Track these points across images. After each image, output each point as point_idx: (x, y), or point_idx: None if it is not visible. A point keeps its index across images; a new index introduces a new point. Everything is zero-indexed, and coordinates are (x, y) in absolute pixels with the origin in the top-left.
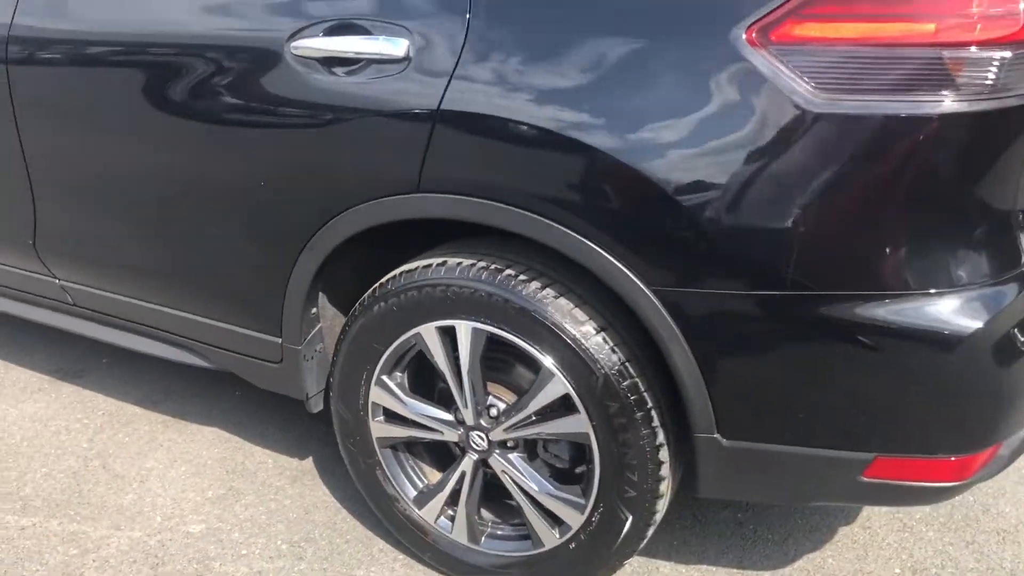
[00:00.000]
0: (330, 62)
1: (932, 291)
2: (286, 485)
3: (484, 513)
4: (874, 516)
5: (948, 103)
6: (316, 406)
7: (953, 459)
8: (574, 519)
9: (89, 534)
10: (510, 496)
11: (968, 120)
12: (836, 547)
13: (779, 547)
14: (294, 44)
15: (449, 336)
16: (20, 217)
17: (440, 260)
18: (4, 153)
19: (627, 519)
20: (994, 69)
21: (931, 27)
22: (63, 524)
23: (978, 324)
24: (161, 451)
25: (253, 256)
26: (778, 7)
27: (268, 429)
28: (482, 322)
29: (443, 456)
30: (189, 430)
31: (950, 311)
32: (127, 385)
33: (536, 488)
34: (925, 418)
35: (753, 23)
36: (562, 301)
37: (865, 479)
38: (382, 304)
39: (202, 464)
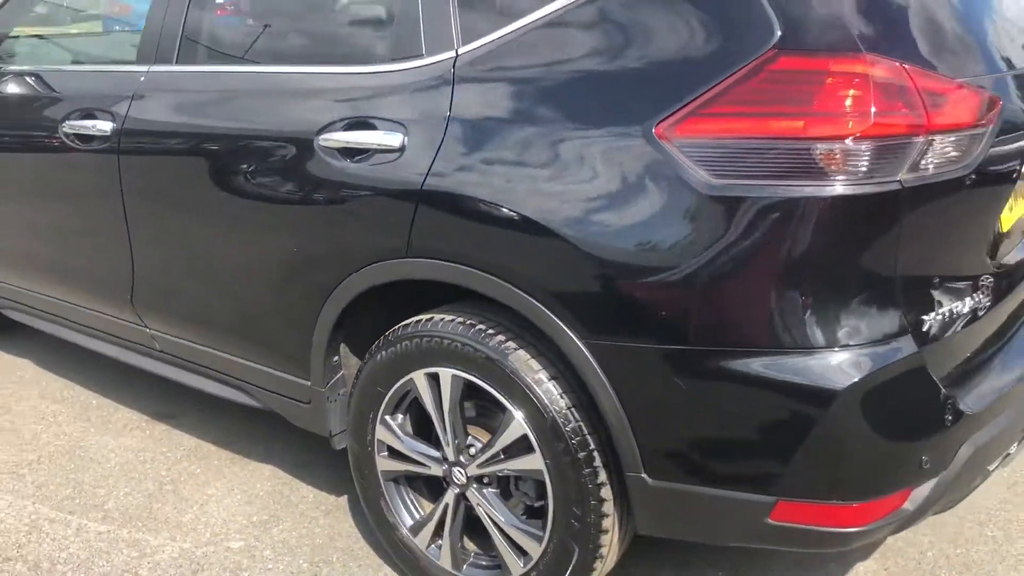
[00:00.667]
0: (346, 152)
1: (815, 349)
2: (320, 516)
3: (469, 544)
4: None
5: (819, 187)
6: (339, 444)
7: (854, 505)
8: (534, 550)
9: (149, 542)
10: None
11: (837, 202)
12: None
13: None
14: (322, 137)
15: (435, 381)
16: (121, 277)
17: (428, 316)
18: (111, 225)
19: (575, 551)
20: (852, 159)
21: (801, 123)
22: (131, 532)
23: (852, 380)
24: (223, 482)
25: (289, 310)
26: (681, 107)
27: (316, 469)
28: (459, 369)
29: (436, 490)
30: (251, 466)
31: (829, 368)
32: (209, 427)
33: (504, 520)
34: (815, 465)
35: (661, 120)
36: (521, 352)
37: (771, 521)
38: (384, 352)
39: (255, 494)
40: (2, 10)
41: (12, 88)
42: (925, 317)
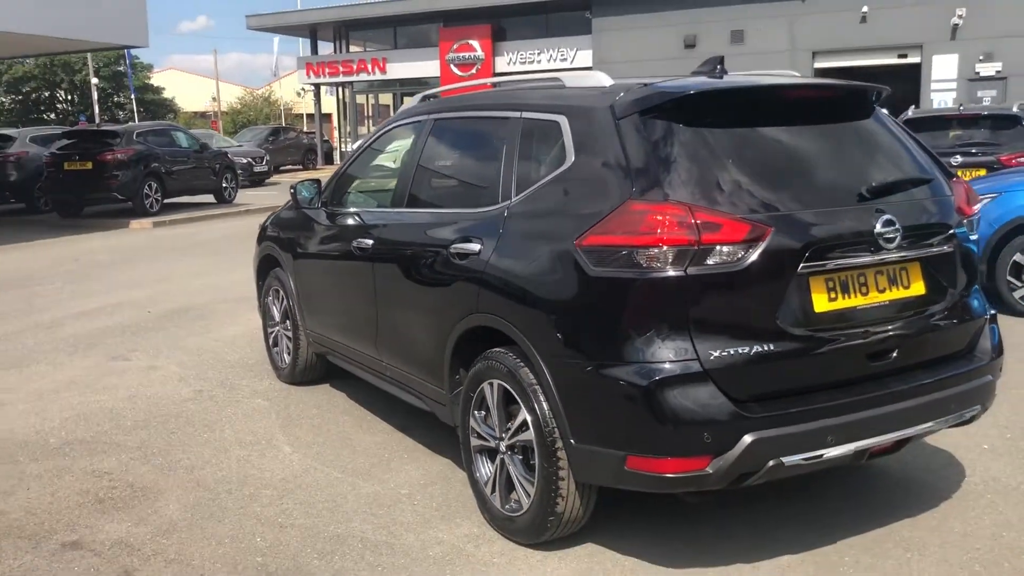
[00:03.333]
0: (459, 255)
1: (641, 363)
2: (460, 486)
3: (511, 495)
4: None
5: (642, 273)
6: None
7: (667, 459)
8: (531, 492)
9: (359, 483)
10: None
11: (650, 281)
12: None
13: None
14: (451, 246)
15: (492, 388)
16: (371, 329)
17: (490, 349)
18: (369, 299)
19: (546, 491)
20: (655, 257)
21: (634, 238)
22: (353, 479)
23: (653, 379)
24: (416, 463)
25: (436, 345)
26: (586, 230)
27: None
28: (501, 380)
29: (495, 458)
30: (436, 458)
31: (642, 372)
32: (424, 435)
33: (519, 474)
34: (641, 431)
35: (577, 237)
36: (525, 369)
37: (628, 468)
38: (471, 371)
39: (429, 470)
40: (352, 165)
41: (347, 221)
42: (712, 352)
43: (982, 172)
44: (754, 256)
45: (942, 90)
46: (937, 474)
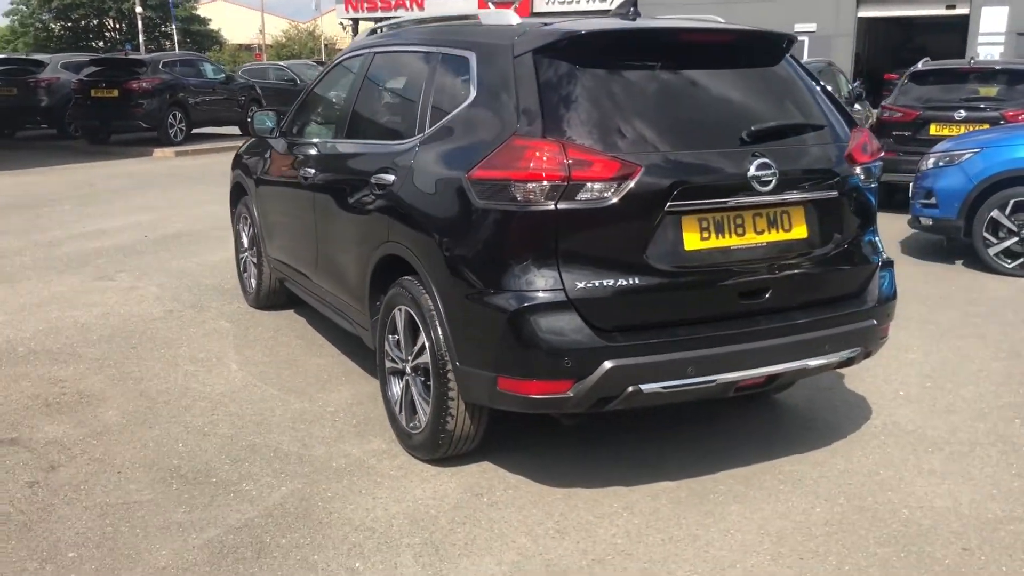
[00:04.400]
0: (378, 185)
1: (513, 291)
2: (383, 407)
3: (417, 414)
4: None
5: (520, 206)
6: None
7: (532, 381)
8: (427, 410)
9: (291, 400)
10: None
11: (525, 214)
12: None
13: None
14: (372, 176)
15: (401, 313)
16: (310, 256)
17: (400, 278)
18: (310, 226)
19: (438, 409)
20: (529, 191)
21: (512, 173)
22: (286, 396)
23: (521, 305)
24: (351, 386)
25: (359, 271)
26: (474, 165)
27: None
28: (407, 306)
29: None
30: (370, 381)
31: (511, 299)
32: (360, 359)
33: (419, 394)
34: (509, 354)
35: (468, 171)
36: (425, 296)
37: (499, 389)
38: (386, 297)
39: (359, 392)
40: (308, 96)
41: (297, 151)
42: (578, 283)
43: (985, 127)
44: (623, 193)
45: (989, 43)
46: (842, 415)
